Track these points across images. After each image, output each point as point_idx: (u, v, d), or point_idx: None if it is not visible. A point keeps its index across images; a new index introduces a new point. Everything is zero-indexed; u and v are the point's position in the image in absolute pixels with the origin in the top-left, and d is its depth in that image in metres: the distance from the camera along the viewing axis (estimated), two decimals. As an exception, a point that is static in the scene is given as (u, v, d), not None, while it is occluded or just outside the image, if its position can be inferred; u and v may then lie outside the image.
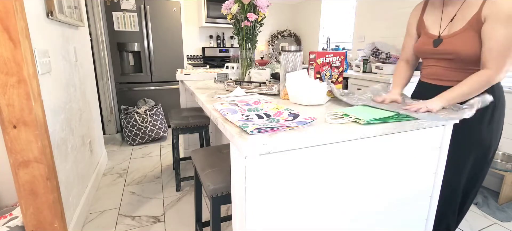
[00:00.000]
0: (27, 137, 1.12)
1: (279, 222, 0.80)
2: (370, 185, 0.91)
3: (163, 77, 3.45)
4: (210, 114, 1.00)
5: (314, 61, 1.27)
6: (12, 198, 1.52)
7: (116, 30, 3.11)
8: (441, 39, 1.11)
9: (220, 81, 1.81)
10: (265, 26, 4.56)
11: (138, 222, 1.72)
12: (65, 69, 1.64)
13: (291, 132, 0.75)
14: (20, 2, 1.05)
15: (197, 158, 1.22)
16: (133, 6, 3.11)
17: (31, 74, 1.10)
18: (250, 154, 0.69)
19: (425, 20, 1.20)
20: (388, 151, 0.90)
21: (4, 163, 1.45)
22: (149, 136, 3.05)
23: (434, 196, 1.09)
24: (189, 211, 1.84)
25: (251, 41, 1.60)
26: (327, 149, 0.79)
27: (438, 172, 1.05)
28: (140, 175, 2.35)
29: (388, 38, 2.89)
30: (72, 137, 1.67)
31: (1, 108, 1.06)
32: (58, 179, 1.31)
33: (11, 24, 1.01)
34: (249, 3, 1.48)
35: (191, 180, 2.20)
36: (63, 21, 1.63)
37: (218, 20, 3.87)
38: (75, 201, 1.63)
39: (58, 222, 1.26)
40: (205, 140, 2.04)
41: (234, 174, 0.82)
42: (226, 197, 1.04)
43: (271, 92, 1.34)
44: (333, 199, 0.86)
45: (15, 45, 1.03)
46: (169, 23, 3.33)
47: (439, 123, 0.95)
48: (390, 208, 0.99)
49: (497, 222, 1.76)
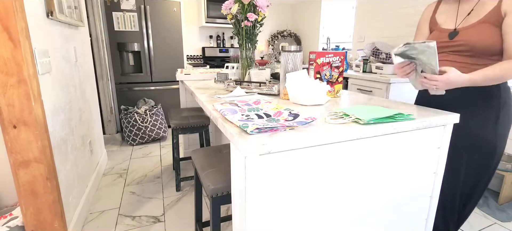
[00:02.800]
0: (27, 137, 1.12)
1: (279, 222, 0.80)
2: (370, 185, 0.91)
3: (163, 77, 3.45)
4: (210, 114, 1.00)
5: (314, 61, 1.27)
6: (12, 198, 1.52)
7: (116, 30, 3.11)
8: (457, 31, 1.09)
9: (220, 81, 1.81)
10: (265, 26, 4.56)
11: (138, 222, 1.72)
12: (65, 69, 1.64)
13: (291, 132, 0.75)
14: (20, 2, 1.05)
15: (197, 158, 1.22)
16: (133, 6, 3.11)
17: (31, 74, 1.10)
18: (250, 154, 0.69)
19: (438, 18, 1.19)
20: (388, 151, 0.90)
21: (4, 163, 1.45)
22: (149, 136, 3.05)
23: (434, 196, 1.09)
24: (189, 211, 1.84)
25: (251, 41, 1.60)
26: (327, 149, 0.79)
27: (438, 172, 1.05)
28: (140, 175, 2.35)
29: (388, 38, 2.89)
30: (72, 137, 1.67)
31: (1, 108, 1.06)
32: (58, 179, 1.31)
33: (11, 24, 1.01)
34: (249, 3, 1.48)
35: (191, 180, 2.20)
36: (63, 21, 1.63)
37: (218, 20, 3.87)
38: (75, 201, 1.63)
39: (58, 222, 1.26)
40: (205, 140, 2.04)
41: (234, 174, 0.82)
42: (226, 197, 1.04)
43: (271, 92, 1.34)
44: (333, 199, 0.86)
45: (15, 45, 1.03)
46: (169, 23, 3.33)
47: (440, 122, 0.95)
48: (390, 208, 0.99)
49: (497, 222, 1.76)
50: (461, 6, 1.12)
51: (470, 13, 1.08)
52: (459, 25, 1.10)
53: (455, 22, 1.12)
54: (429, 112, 1.01)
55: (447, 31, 1.13)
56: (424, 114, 0.97)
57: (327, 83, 1.29)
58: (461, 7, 1.12)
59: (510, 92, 1.12)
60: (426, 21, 1.25)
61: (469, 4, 1.09)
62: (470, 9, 1.08)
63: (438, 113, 0.98)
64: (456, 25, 1.11)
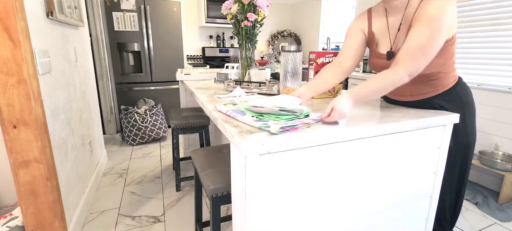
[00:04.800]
0: (27, 137, 1.12)
1: (279, 222, 0.80)
2: (370, 185, 0.91)
3: (163, 77, 3.45)
4: (210, 115, 1.00)
5: (314, 61, 1.28)
6: (12, 198, 1.52)
7: (116, 30, 3.11)
8: (393, 52, 1.08)
9: (220, 81, 1.81)
10: (265, 26, 4.56)
11: (138, 222, 1.72)
12: (65, 69, 1.64)
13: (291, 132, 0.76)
14: (20, 2, 1.05)
15: (197, 158, 1.22)
16: (133, 6, 3.11)
17: (31, 74, 1.10)
18: (250, 154, 0.69)
19: (375, 33, 1.15)
20: (388, 151, 0.90)
21: (4, 163, 1.45)
22: (149, 136, 3.05)
23: (434, 196, 1.09)
24: (189, 211, 1.84)
25: (251, 41, 1.60)
26: (327, 149, 0.79)
27: (438, 172, 1.05)
28: (140, 175, 2.35)
29: (388, 38, 2.89)
30: (72, 137, 1.67)
31: (1, 108, 1.06)
32: (58, 179, 1.31)
33: (11, 24, 1.01)
34: (249, 3, 1.48)
35: (191, 180, 2.20)
36: (63, 21, 1.63)
37: (218, 20, 3.88)
38: (75, 201, 1.63)
39: (58, 222, 1.26)
40: (205, 140, 2.04)
41: (234, 174, 0.82)
42: (226, 197, 1.04)
43: (271, 92, 1.34)
44: (333, 199, 0.86)
45: (15, 45, 1.03)
46: (169, 23, 3.33)
47: (440, 122, 0.95)
48: (390, 208, 0.99)
49: (497, 222, 1.76)
50: (390, 20, 1.10)
51: (399, 28, 1.06)
52: (393, 45, 1.09)
53: (389, 42, 1.11)
54: (429, 112, 1.01)
55: (383, 55, 1.11)
56: (424, 114, 0.97)
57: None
58: (390, 22, 1.10)
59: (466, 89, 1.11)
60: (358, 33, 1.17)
61: (396, 17, 1.08)
62: (398, 23, 1.07)
63: (438, 114, 0.99)
64: (392, 44, 1.10)
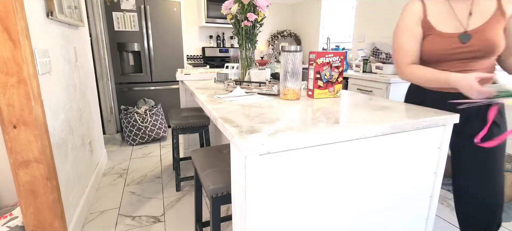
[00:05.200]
0: (27, 137, 1.12)
1: (279, 222, 0.80)
2: (370, 185, 0.91)
3: (163, 77, 3.45)
4: (210, 115, 1.00)
5: (314, 61, 1.27)
6: (12, 198, 1.52)
7: (116, 30, 3.11)
8: (470, 35, 1.02)
9: (220, 81, 1.81)
10: (265, 26, 4.56)
11: (138, 222, 1.72)
12: (65, 69, 1.64)
13: (291, 132, 0.75)
14: (20, 2, 1.05)
15: (197, 158, 1.22)
16: (133, 6, 3.11)
17: (31, 74, 1.10)
18: (250, 154, 0.69)
19: (431, 21, 1.10)
20: (388, 151, 0.90)
21: (4, 163, 1.45)
22: (149, 136, 3.05)
23: (434, 196, 1.09)
24: (189, 211, 1.84)
25: (251, 41, 1.60)
26: (327, 149, 0.79)
27: (438, 172, 1.05)
28: (140, 175, 2.35)
29: (388, 38, 2.89)
30: (72, 137, 1.67)
31: (1, 108, 1.06)
32: (58, 179, 1.31)
33: (11, 24, 1.01)
34: (249, 3, 1.48)
35: (191, 180, 2.20)
36: (63, 21, 1.63)
37: (218, 20, 3.88)
38: (75, 201, 1.63)
39: (58, 222, 1.26)
40: (205, 140, 2.04)
41: (234, 174, 0.82)
42: (226, 197, 1.04)
43: (271, 92, 1.34)
44: (333, 199, 0.86)
45: (15, 45, 1.03)
46: (169, 23, 3.33)
47: (440, 122, 0.95)
48: (390, 208, 0.99)
49: (497, 222, 1.76)
50: (455, 7, 1.06)
51: (471, 12, 1.04)
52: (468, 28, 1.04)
53: (458, 25, 1.06)
54: (429, 112, 1.01)
55: (454, 35, 1.05)
56: (424, 114, 0.97)
57: (327, 83, 1.29)
58: (456, 8, 1.06)
59: None
60: (417, 23, 1.13)
61: (463, 4, 1.05)
62: (467, 9, 1.04)
63: (438, 113, 0.98)
64: (465, 27, 1.04)
